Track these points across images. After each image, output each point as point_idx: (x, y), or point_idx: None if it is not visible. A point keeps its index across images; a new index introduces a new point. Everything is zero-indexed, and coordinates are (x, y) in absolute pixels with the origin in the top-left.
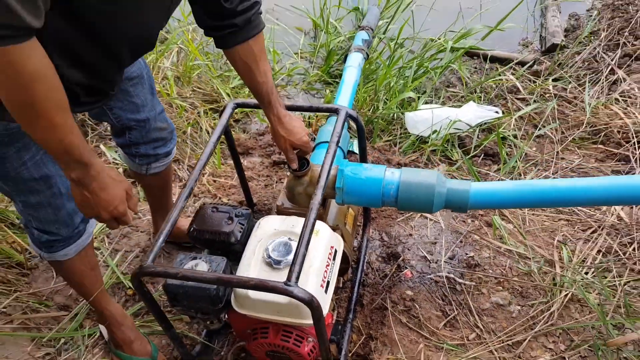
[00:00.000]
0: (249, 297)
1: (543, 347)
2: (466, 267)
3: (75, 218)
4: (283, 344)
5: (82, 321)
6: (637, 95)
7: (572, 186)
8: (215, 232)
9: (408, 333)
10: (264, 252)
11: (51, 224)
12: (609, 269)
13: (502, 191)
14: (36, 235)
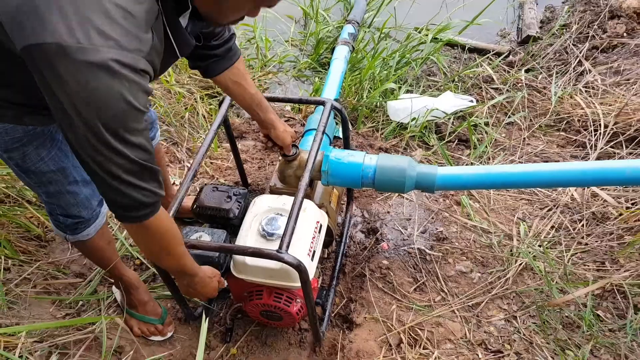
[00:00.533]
0: (247, 263)
1: (498, 307)
2: (436, 240)
3: (92, 201)
4: (275, 304)
5: (97, 287)
6: (599, 87)
7: (521, 172)
8: (216, 208)
9: (383, 296)
10: (259, 226)
11: (73, 207)
12: (559, 242)
13: (464, 175)
14: (61, 221)
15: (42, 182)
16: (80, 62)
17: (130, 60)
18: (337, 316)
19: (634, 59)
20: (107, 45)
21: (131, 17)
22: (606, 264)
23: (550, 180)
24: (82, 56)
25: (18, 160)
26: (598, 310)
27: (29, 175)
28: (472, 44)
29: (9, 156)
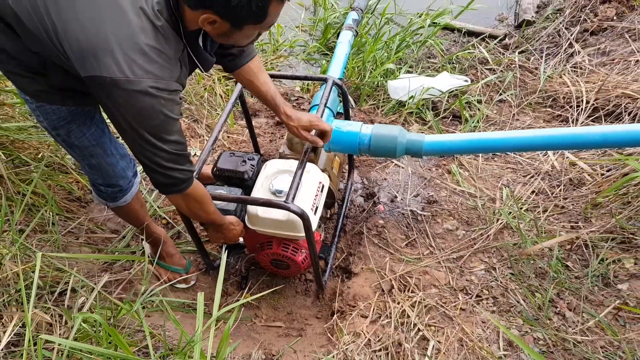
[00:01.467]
0: (259, 215)
1: (480, 260)
2: (426, 203)
3: (128, 172)
4: (283, 253)
5: (129, 241)
6: (586, 67)
7: (494, 138)
8: (232, 170)
9: (378, 250)
10: (269, 185)
11: (111, 178)
12: (538, 204)
13: (447, 142)
14: (103, 190)
15: (85, 155)
16: (128, 91)
17: (164, 86)
18: (337, 268)
19: (620, 40)
20: (147, 77)
21: (164, 54)
22: (579, 223)
23: (516, 144)
24: (129, 86)
25: (64, 137)
26: (568, 261)
27: (73, 149)
28: (469, 27)
29: (57, 133)
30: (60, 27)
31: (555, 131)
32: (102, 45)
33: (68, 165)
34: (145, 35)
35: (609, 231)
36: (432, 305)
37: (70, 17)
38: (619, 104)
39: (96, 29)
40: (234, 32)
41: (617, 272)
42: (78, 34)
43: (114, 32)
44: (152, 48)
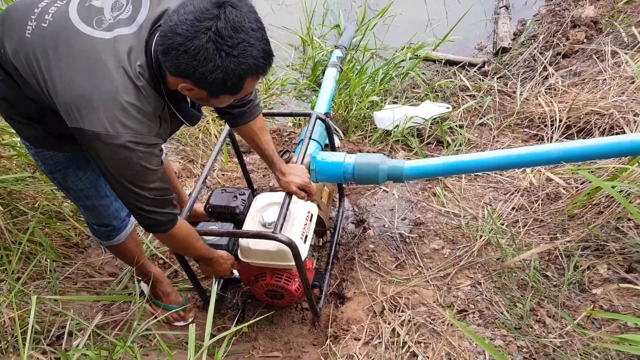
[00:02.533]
0: (250, 248)
1: (466, 276)
2: (414, 225)
3: (121, 213)
4: (277, 283)
5: (127, 283)
6: (559, 88)
7: (468, 160)
8: (224, 206)
9: (369, 274)
10: (260, 218)
11: (104, 218)
12: (518, 220)
13: (425, 166)
14: (97, 229)
15: (80, 197)
16: (108, 144)
17: (141, 140)
18: (332, 294)
19: (590, 61)
20: (125, 132)
21: (143, 111)
22: (557, 234)
23: (488, 164)
24: (109, 140)
25: (60, 180)
26: (547, 271)
27: (69, 192)
28: (449, 57)
29: (53, 176)
30: (49, 80)
31: (520, 150)
32: (85, 101)
33: (65, 213)
34: (126, 93)
35: (584, 240)
36: (420, 322)
37: (58, 72)
38: (589, 120)
39: (81, 85)
40: (210, 99)
41: (591, 278)
42: (65, 88)
43: (97, 89)
44: (131, 105)
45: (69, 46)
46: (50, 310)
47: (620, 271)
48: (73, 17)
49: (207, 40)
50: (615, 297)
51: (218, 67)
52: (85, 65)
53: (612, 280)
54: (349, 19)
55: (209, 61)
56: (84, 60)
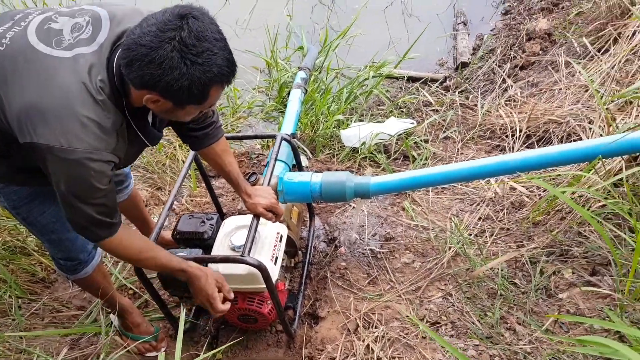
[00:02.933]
0: (220, 273)
1: (437, 288)
2: (384, 240)
3: (88, 246)
4: (249, 307)
5: (96, 316)
6: (518, 99)
7: (430, 173)
8: (192, 232)
9: (342, 292)
10: (229, 242)
11: (71, 252)
12: (484, 229)
13: (391, 181)
14: (62, 264)
15: (45, 231)
16: (62, 159)
17: (97, 157)
18: (305, 315)
19: (546, 72)
20: (81, 147)
21: (101, 127)
22: (523, 242)
23: (452, 176)
24: (63, 154)
25: (24, 215)
26: (515, 279)
27: (33, 227)
28: (411, 74)
29: (17, 212)
30: (4, 97)
31: (482, 161)
32: (39, 112)
33: (30, 248)
34: (85, 107)
35: (549, 246)
36: (394, 337)
37: (13, 88)
38: (548, 129)
39: (35, 99)
40: (176, 110)
41: (557, 283)
42: (18, 102)
43: (52, 102)
44: (89, 120)
45: (27, 66)
46: (14, 348)
47: (585, 275)
48: (32, 39)
49: (172, 49)
50: (580, 301)
51: (183, 74)
52: (41, 79)
53: (577, 284)
54: (312, 40)
55: (174, 69)
56: (41, 75)
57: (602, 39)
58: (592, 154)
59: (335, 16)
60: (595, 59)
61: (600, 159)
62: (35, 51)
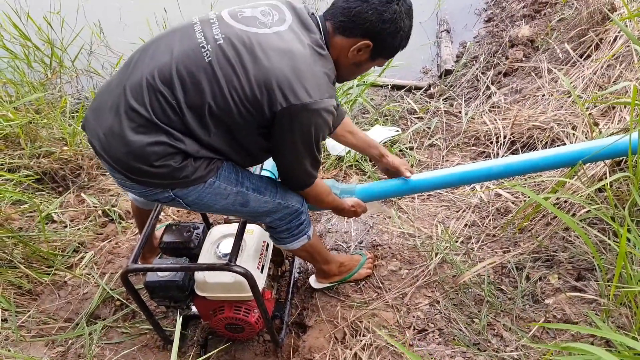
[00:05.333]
0: (206, 281)
1: (424, 296)
2: (371, 248)
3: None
4: (236, 315)
5: (83, 327)
6: (502, 105)
7: (414, 180)
8: (178, 242)
9: (330, 300)
10: (215, 250)
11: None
12: (470, 236)
13: (375, 188)
14: (292, 227)
15: (270, 193)
16: (315, 110)
17: (334, 103)
18: (293, 324)
19: (529, 78)
20: (327, 96)
21: (331, 77)
22: (509, 248)
23: (437, 183)
24: (315, 106)
25: (250, 182)
26: (502, 285)
27: (261, 192)
28: (395, 82)
29: (245, 186)
30: (243, 80)
31: (467, 167)
32: (289, 80)
33: (16, 260)
34: (320, 64)
35: (534, 252)
36: (382, 345)
37: (252, 68)
38: (532, 135)
39: (284, 68)
40: (367, 62)
41: (544, 289)
42: (262, 77)
43: (297, 66)
44: (325, 74)
45: (257, 47)
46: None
47: (571, 280)
48: (239, 26)
49: (400, 8)
50: (566, 306)
51: (402, 28)
52: (280, 51)
53: (563, 289)
54: None
55: (398, 22)
56: (277, 49)
57: (584, 45)
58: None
59: None
60: (578, 65)
61: (581, 164)
62: (254, 33)
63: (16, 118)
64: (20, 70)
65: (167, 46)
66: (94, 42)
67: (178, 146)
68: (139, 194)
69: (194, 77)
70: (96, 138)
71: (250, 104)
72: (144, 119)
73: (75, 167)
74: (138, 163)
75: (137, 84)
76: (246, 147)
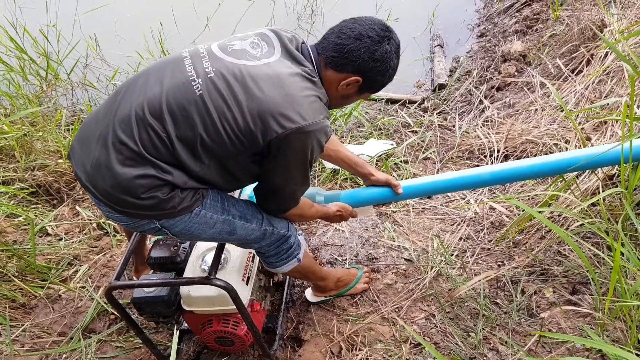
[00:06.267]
0: (191, 295)
1: (420, 309)
2: (367, 261)
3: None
4: (224, 329)
5: (77, 341)
6: (495, 119)
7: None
8: (164, 257)
9: (325, 314)
10: (200, 263)
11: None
12: (466, 249)
13: (360, 194)
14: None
15: (255, 219)
16: (309, 132)
17: (328, 123)
18: (288, 338)
19: (522, 93)
20: (321, 118)
21: (322, 101)
22: (504, 262)
23: (422, 189)
24: (309, 128)
25: (236, 210)
26: (497, 299)
27: (247, 219)
28: (390, 96)
29: (231, 214)
30: (236, 111)
31: (448, 175)
32: (281, 106)
33: (10, 273)
34: (312, 89)
35: (529, 265)
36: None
37: (245, 99)
38: (525, 149)
39: (276, 96)
40: (352, 97)
41: (539, 302)
42: (256, 107)
43: (289, 92)
44: (316, 97)
45: (249, 79)
46: None
47: (565, 294)
48: (229, 59)
49: (390, 48)
50: (562, 320)
51: (391, 67)
52: (272, 80)
53: (558, 303)
54: None
55: (389, 61)
56: (270, 79)
57: (576, 60)
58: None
59: (313, 38)
60: (570, 80)
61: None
62: (244, 65)
63: (11, 131)
64: (15, 83)
65: (156, 79)
66: (89, 55)
67: (165, 178)
68: (126, 225)
69: (184, 110)
70: (82, 170)
71: (243, 134)
72: (132, 151)
73: (70, 179)
74: (125, 195)
75: (126, 117)
76: (236, 175)
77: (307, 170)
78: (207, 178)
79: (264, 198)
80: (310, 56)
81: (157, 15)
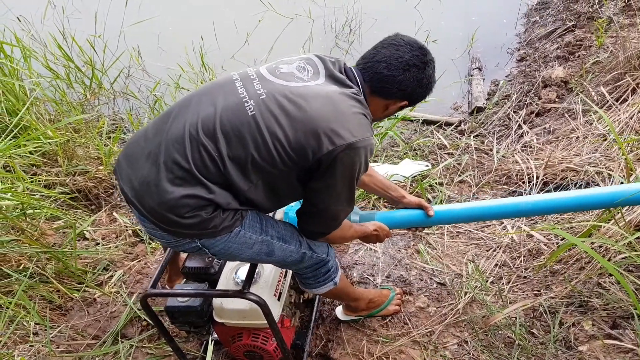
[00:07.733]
0: (223, 307)
1: (452, 335)
2: (399, 282)
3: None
4: (254, 343)
5: (110, 345)
6: (535, 145)
7: (437, 211)
8: (198, 267)
9: (355, 334)
10: (234, 276)
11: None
12: (501, 276)
13: (395, 216)
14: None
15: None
16: (358, 148)
17: (374, 141)
18: (317, 356)
19: (562, 119)
20: (369, 135)
21: (369, 119)
22: (541, 290)
23: (460, 215)
24: (359, 144)
25: (274, 230)
26: (533, 328)
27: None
28: (426, 117)
29: (270, 235)
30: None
31: (491, 202)
32: (331, 123)
33: (48, 274)
34: (357, 106)
35: (567, 296)
36: None
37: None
38: (565, 177)
39: (327, 114)
40: (394, 113)
41: (577, 335)
42: (307, 124)
43: (338, 110)
44: (364, 115)
45: (298, 95)
46: None
47: (605, 327)
48: (279, 82)
49: (432, 70)
50: (601, 354)
51: (432, 87)
52: (321, 99)
53: (597, 336)
54: None
55: (431, 83)
56: (319, 98)
57: (620, 89)
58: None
59: (351, 58)
60: (614, 108)
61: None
62: (294, 86)
63: (56, 136)
64: (60, 90)
65: (209, 100)
66: (132, 65)
67: (210, 198)
68: (167, 244)
69: (237, 130)
70: (129, 186)
71: (293, 150)
72: (183, 170)
73: (108, 186)
74: (169, 214)
75: (180, 136)
76: (281, 193)
77: (353, 188)
78: (252, 197)
79: (306, 220)
80: (356, 79)
81: (198, 29)
